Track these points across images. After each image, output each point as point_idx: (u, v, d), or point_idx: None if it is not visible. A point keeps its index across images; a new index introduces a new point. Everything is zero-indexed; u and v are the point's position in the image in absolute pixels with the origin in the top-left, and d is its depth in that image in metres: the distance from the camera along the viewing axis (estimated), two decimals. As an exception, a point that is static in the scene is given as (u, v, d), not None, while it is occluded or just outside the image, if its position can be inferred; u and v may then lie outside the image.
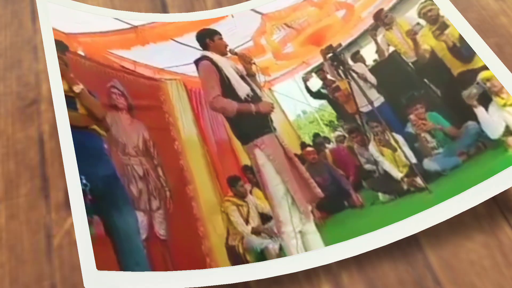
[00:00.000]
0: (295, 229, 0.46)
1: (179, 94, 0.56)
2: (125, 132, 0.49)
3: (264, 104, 0.55)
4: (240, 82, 0.55)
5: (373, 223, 0.44)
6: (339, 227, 0.47)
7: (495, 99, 0.47)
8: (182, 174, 0.49)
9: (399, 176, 0.49)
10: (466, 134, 0.48)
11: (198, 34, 0.60)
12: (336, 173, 0.52)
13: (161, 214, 0.45)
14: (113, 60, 0.54)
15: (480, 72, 0.48)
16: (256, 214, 0.48)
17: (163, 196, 0.46)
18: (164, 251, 0.42)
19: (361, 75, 0.58)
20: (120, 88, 0.51)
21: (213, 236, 0.45)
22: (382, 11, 0.58)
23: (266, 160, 0.51)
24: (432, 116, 0.51)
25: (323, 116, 0.59)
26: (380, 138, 0.53)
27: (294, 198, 0.49)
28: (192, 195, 0.48)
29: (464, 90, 0.48)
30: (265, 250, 0.44)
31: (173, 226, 0.45)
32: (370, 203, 0.49)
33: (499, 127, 0.45)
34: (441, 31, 0.53)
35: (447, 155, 0.48)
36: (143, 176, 0.46)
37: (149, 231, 0.43)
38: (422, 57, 0.55)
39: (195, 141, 0.53)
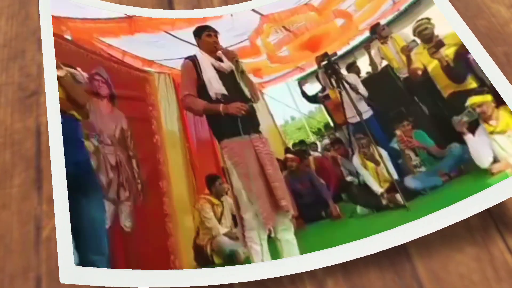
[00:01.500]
0: (260, 236, 0.45)
1: (167, 88, 0.55)
2: (103, 120, 0.47)
3: (233, 105, 0.53)
4: (214, 82, 0.54)
5: (350, 236, 0.43)
6: (316, 237, 0.46)
7: (483, 125, 0.46)
8: (157, 168, 0.48)
9: (380, 191, 0.48)
10: (449, 155, 0.47)
11: (195, 31, 0.58)
12: (317, 182, 0.51)
13: (129, 206, 0.43)
14: (100, 47, 0.53)
15: (471, 96, 0.47)
16: (230, 216, 0.47)
17: (133, 188, 0.45)
18: (127, 244, 0.41)
19: (353, 86, 0.57)
20: (104, 75, 0.50)
21: (181, 234, 0.44)
22: (379, 25, 0.57)
23: (230, 164, 0.50)
24: (418, 134, 0.50)
25: (311, 123, 0.58)
26: (365, 151, 0.52)
27: (256, 206, 0.47)
28: (165, 190, 0.46)
29: (455, 115, 0.47)
30: (235, 253, 0.43)
31: (140, 220, 0.43)
32: (348, 216, 0.48)
33: (488, 156, 0.44)
34: (436, 49, 0.52)
35: (429, 175, 0.47)
36: (115, 166, 0.45)
37: (114, 222, 0.42)
38: (414, 74, 0.54)
39: (177, 136, 0.52)
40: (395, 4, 0.58)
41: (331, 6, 0.62)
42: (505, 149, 0.43)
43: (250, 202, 0.47)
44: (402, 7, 0.58)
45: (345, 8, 0.61)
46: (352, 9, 0.61)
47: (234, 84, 0.55)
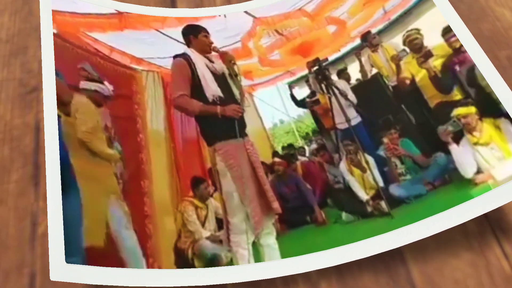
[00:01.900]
0: (248, 240, 0.45)
1: (154, 86, 0.54)
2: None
3: (230, 108, 0.52)
4: (210, 83, 0.53)
5: (333, 242, 0.43)
6: (299, 242, 0.45)
7: (467, 136, 0.46)
8: (140, 168, 0.47)
9: (365, 198, 0.49)
10: (434, 164, 0.47)
11: (184, 29, 0.57)
12: (304, 186, 0.51)
13: None
14: (86, 42, 0.51)
15: (456, 107, 0.48)
16: (214, 219, 0.46)
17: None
18: (104, 248, 0.39)
19: (342, 92, 0.57)
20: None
21: (161, 236, 0.43)
22: (370, 33, 0.58)
23: (223, 166, 0.49)
24: (405, 142, 0.50)
25: (300, 127, 0.58)
26: (352, 157, 0.52)
27: (248, 209, 0.47)
28: (146, 190, 0.46)
29: (441, 125, 0.47)
30: (217, 257, 0.42)
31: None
32: (333, 221, 0.48)
33: (471, 167, 0.44)
34: (425, 59, 0.53)
35: (414, 183, 0.48)
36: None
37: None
38: (402, 83, 0.54)
39: (162, 136, 0.51)
40: (386, 14, 0.59)
41: (324, 12, 0.62)
42: (488, 161, 0.44)
43: (243, 205, 0.47)
44: (393, 17, 0.58)
45: (338, 15, 0.62)
46: (345, 16, 0.61)
47: (226, 86, 0.54)
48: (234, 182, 0.48)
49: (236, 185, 0.48)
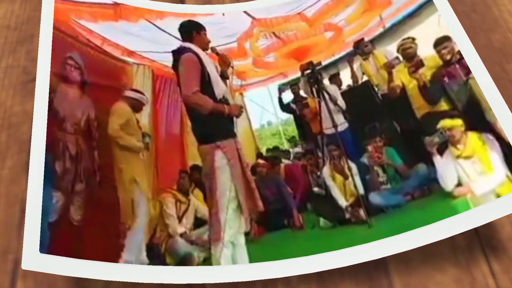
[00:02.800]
0: (230, 238, 0.44)
1: (144, 80, 0.53)
2: (70, 106, 0.45)
3: (234, 107, 0.52)
4: (219, 82, 0.52)
5: (308, 248, 0.42)
6: (273, 245, 0.44)
7: (451, 148, 0.45)
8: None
9: (344, 205, 0.47)
10: (415, 175, 0.46)
11: (183, 24, 0.55)
12: (285, 189, 0.50)
13: (82, 198, 0.42)
14: (79, 32, 0.51)
15: (442, 118, 0.47)
16: (193, 217, 0.45)
17: (91, 180, 0.43)
18: (75, 238, 0.39)
19: (332, 97, 0.56)
20: (78, 61, 0.48)
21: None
22: (362, 41, 0.57)
23: (225, 163, 0.48)
24: (389, 151, 0.49)
25: (286, 130, 0.57)
26: (336, 163, 0.51)
27: (242, 206, 0.47)
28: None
29: (427, 136, 0.46)
30: (188, 257, 0.42)
31: (93, 214, 0.42)
32: (310, 227, 0.47)
33: (452, 179, 0.43)
34: (416, 68, 0.52)
35: (393, 193, 0.47)
36: (75, 156, 0.43)
37: (62, 214, 0.40)
38: (393, 91, 0.53)
39: (145, 129, 0.50)
40: (381, 21, 0.58)
41: (322, 18, 0.61)
42: (469, 175, 0.43)
43: (237, 201, 0.46)
44: (388, 25, 0.57)
45: (335, 22, 0.61)
46: (342, 23, 0.60)
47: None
48: (233, 179, 0.48)
49: (235, 182, 0.48)
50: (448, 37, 0.49)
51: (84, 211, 0.41)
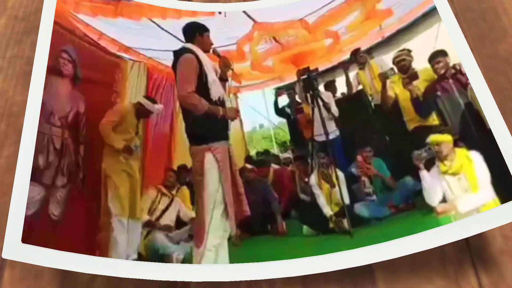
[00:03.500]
0: (213, 242, 0.43)
1: (138, 77, 0.53)
2: (59, 100, 0.45)
3: (231, 110, 0.52)
4: (217, 84, 0.52)
5: (289, 255, 0.41)
6: (253, 250, 0.44)
7: (438, 164, 0.44)
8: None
9: (329, 214, 0.47)
10: (401, 188, 0.45)
11: (188, 26, 0.55)
12: (271, 195, 0.49)
13: (63, 193, 0.41)
14: (76, 25, 0.50)
15: (432, 133, 0.46)
16: (175, 215, 0.45)
17: (74, 175, 0.42)
18: (51, 233, 0.38)
19: (326, 104, 0.56)
20: (72, 55, 0.47)
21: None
22: (359, 50, 0.56)
23: (214, 165, 0.48)
24: (377, 162, 0.48)
25: (278, 134, 0.56)
26: (324, 171, 0.50)
27: (228, 209, 0.46)
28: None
29: (416, 150, 0.45)
30: (167, 256, 0.41)
31: (73, 209, 0.41)
32: (293, 234, 0.46)
33: (437, 195, 0.43)
34: (410, 80, 0.51)
35: (378, 204, 0.46)
36: (59, 149, 0.42)
37: (40, 208, 0.39)
38: (386, 102, 0.52)
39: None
40: (381, 30, 0.57)
41: (323, 26, 0.60)
42: (454, 191, 0.42)
43: (226, 208, 0.46)
44: (386, 35, 0.56)
45: (336, 30, 0.60)
46: (342, 31, 0.60)
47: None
48: (221, 182, 0.47)
49: (223, 186, 0.47)
50: (444, 51, 0.49)
51: (64, 206, 0.40)
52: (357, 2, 0.58)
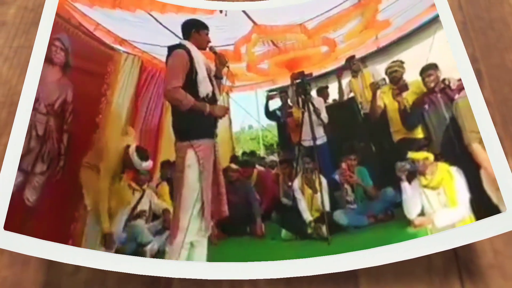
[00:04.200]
0: (188, 239, 0.43)
1: (131, 70, 0.53)
2: (47, 87, 0.44)
3: (219, 108, 0.51)
4: (206, 81, 0.51)
5: (267, 257, 0.41)
6: (231, 250, 0.43)
7: (419, 177, 0.44)
8: (89, 148, 0.45)
9: (308, 220, 0.46)
10: (382, 198, 0.45)
11: (186, 22, 0.55)
12: (252, 196, 0.49)
13: (41, 179, 0.40)
14: (72, 14, 0.50)
15: (416, 146, 0.45)
16: (148, 208, 0.44)
17: (54, 163, 0.42)
18: (24, 219, 0.38)
19: (317, 110, 0.55)
20: (65, 43, 0.47)
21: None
22: (353, 58, 0.56)
23: (194, 162, 0.47)
24: (361, 170, 0.48)
25: (266, 137, 0.56)
26: (307, 176, 0.49)
27: (204, 209, 0.45)
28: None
29: (399, 161, 0.45)
30: (140, 248, 0.41)
31: (49, 197, 0.40)
32: (271, 237, 0.45)
33: (416, 208, 0.42)
34: (400, 91, 0.51)
35: (358, 213, 0.45)
36: (42, 136, 0.42)
37: (16, 192, 0.38)
38: (374, 112, 0.52)
39: (122, 121, 0.49)
40: (376, 40, 0.56)
41: (322, 32, 0.60)
42: (432, 205, 0.41)
43: (203, 207, 0.45)
44: (382, 45, 0.56)
45: (333, 37, 0.60)
46: (340, 39, 0.59)
47: (213, 85, 0.53)
48: (201, 180, 0.47)
49: (202, 184, 0.46)
50: (436, 65, 0.48)
51: (40, 192, 0.40)
52: (357, 10, 0.58)
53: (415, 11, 0.53)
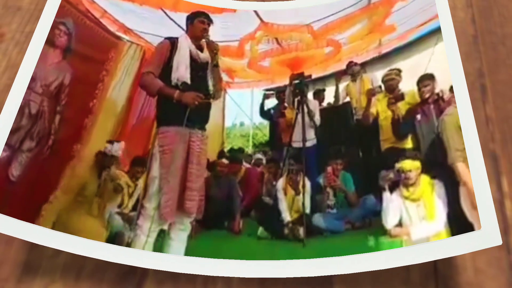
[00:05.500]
0: (151, 227, 0.43)
1: (133, 58, 0.52)
2: (45, 68, 0.44)
3: (188, 95, 0.49)
4: (180, 67, 0.50)
5: (242, 254, 0.40)
6: (207, 244, 0.43)
7: (402, 189, 0.43)
8: (79, 131, 0.45)
9: (287, 220, 0.45)
10: (362, 206, 0.44)
11: (188, 15, 0.55)
12: (235, 191, 0.48)
13: (27, 156, 0.41)
14: (81, 0, 0.50)
15: (403, 156, 0.44)
16: (135, 200, 0.45)
17: (43, 141, 0.42)
18: (6, 193, 0.38)
19: (311, 112, 0.54)
20: (69, 27, 0.47)
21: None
22: (352, 62, 0.54)
23: (157, 150, 0.47)
24: (345, 176, 0.47)
25: (256, 135, 0.55)
26: (292, 177, 0.49)
27: (162, 198, 0.45)
28: (75, 154, 0.44)
29: (384, 170, 0.44)
30: (118, 235, 0.41)
31: (33, 174, 0.40)
32: (248, 234, 0.45)
33: (395, 218, 0.41)
34: (395, 100, 0.49)
35: (337, 218, 0.44)
36: (34, 115, 0.42)
37: (1, 168, 0.39)
38: (366, 119, 0.51)
39: (117, 108, 0.49)
40: (379, 46, 0.55)
41: (327, 34, 0.59)
42: (411, 217, 0.40)
43: (160, 193, 0.45)
44: (383, 51, 0.55)
45: (338, 39, 0.59)
46: (344, 41, 0.58)
47: (202, 75, 0.52)
48: (160, 168, 0.46)
49: (161, 172, 0.46)
50: (432, 75, 0.47)
51: (24, 168, 0.40)
52: (365, 13, 0.57)
53: (419, 19, 0.52)
